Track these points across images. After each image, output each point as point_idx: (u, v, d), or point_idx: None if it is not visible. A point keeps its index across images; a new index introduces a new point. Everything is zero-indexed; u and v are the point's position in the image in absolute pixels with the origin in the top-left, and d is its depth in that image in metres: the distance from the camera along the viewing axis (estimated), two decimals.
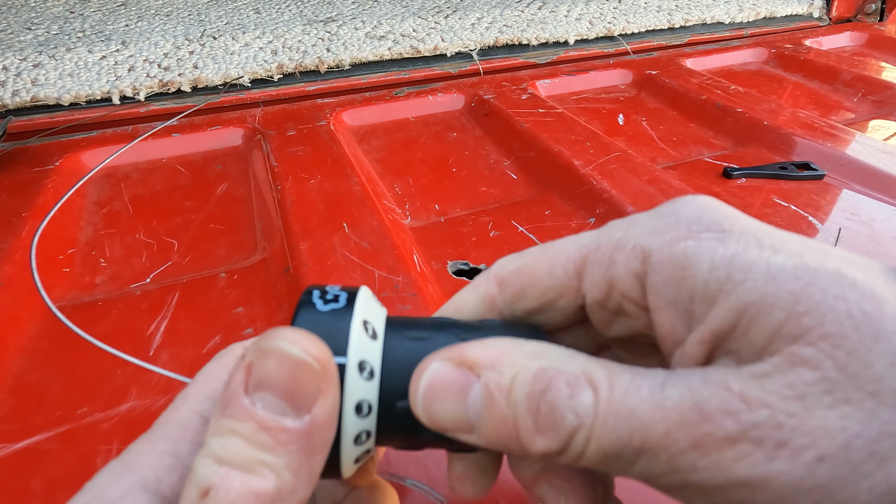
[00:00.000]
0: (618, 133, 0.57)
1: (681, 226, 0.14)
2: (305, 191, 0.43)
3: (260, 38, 0.63)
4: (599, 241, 0.16)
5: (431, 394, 0.14)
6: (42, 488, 0.25)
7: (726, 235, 0.14)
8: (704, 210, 0.14)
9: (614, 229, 0.16)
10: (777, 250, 0.13)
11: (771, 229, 0.14)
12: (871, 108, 0.63)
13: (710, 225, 0.14)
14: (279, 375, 0.12)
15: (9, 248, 0.37)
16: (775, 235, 0.14)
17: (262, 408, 0.12)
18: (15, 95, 0.53)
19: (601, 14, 0.77)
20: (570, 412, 0.13)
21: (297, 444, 0.12)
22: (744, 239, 0.13)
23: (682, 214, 0.14)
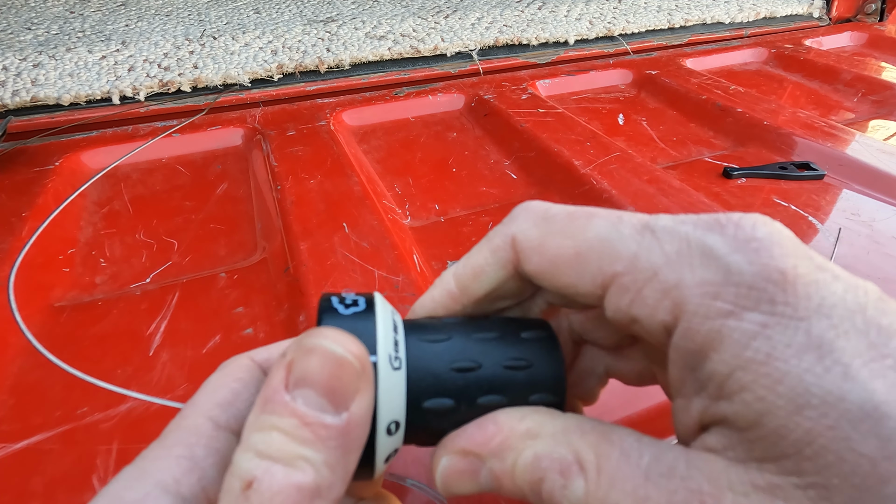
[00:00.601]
0: (618, 133, 0.57)
1: (728, 292, 0.12)
2: (305, 191, 0.43)
3: (260, 38, 0.63)
4: (637, 262, 0.14)
5: (448, 479, 0.16)
6: (42, 488, 0.25)
7: (775, 323, 0.12)
8: (764, 270, 0.12)
9: (655, 250, 0.14)
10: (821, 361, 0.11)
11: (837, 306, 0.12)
12: (871, 108, 0.63)
13: (761, 302, 0.12)
14: (321, 373, 0.12)
15: (9, 248, 0.37)
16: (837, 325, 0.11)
17: (303, 404, 0.12)
18: (15, 95, 0.53)
19: (601, 14, 0.77)
20: (566, 501, 0.14)
21: (336, 441, 0.12)
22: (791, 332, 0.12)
23: (736, 272, 0.12)
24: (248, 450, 0.12)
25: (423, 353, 0.16)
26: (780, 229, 0.13)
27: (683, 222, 0.14)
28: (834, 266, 0.13)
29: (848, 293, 0.12)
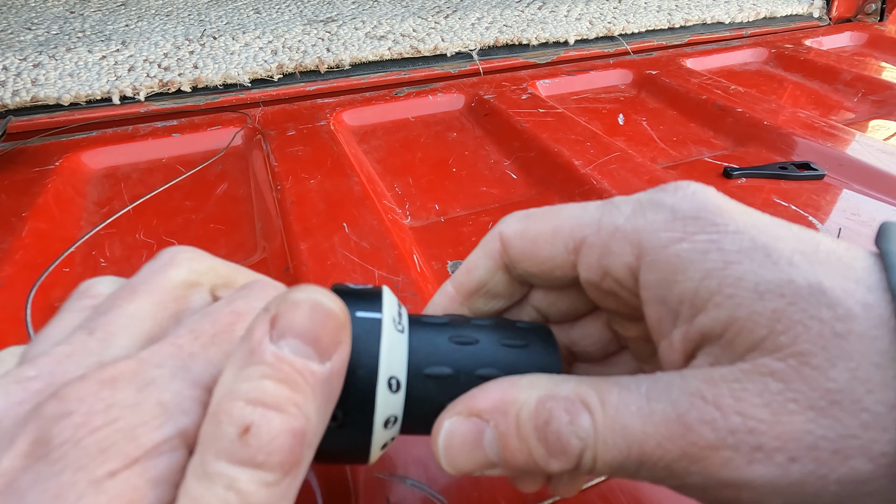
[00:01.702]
0: (618, 133, 0.57)
1: (677, 224, 0.15)
2: (305, 191, 0.43)
3: (260, 38, 0.63)
4: (601, 224, 0.16)
5: (451, 447, 0.15)
6: None
7: (721, 237, 0.14)
8: (703, 206, 0.15)
9: (615, 213, 0.16)
10: (768, 257, 0.13)
11: (767, 224, 0.14)
12: (871, 108, 0.63)
13: (706, 225, 0.14)
14: (308, 323, 0.13)
15: (9, 248, 0.37)
16: (770, 233, 0.14)
17: (290, 352, 0.12)
18: (15, 95, 0.53)
19: (601, 14, 0.77)
20: (574, 437, 0.14)
21: (321, 389, 0.13)
22: (738, 241, 0.14)
23: (680, 210, 0.15)
24: (237, 398, 0.12)
25: (425, 328, 0.17)
26: (710, 188, 0.16)
27: (637, 195, 0.17)
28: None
29: (766, 217, 0.15)
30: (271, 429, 0.11)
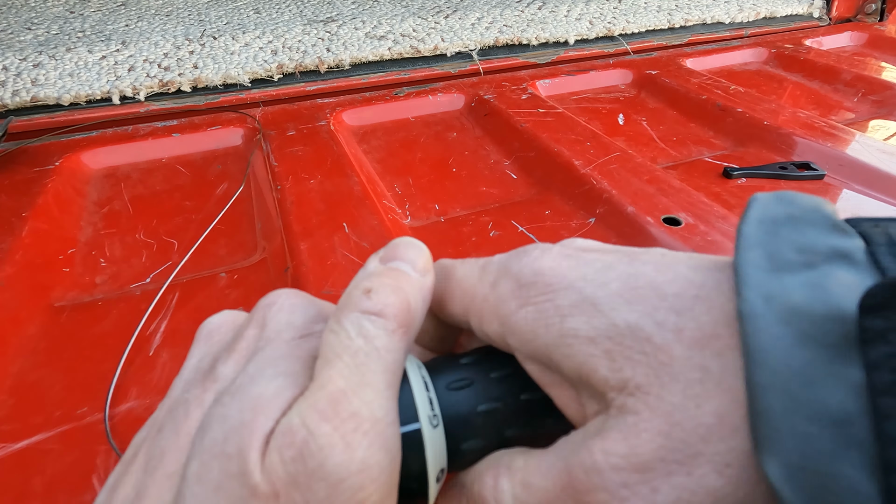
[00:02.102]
0: (618, 133, 0.57)
1: (521, 291, 0.16)
2: (305, 191, 0.43)
3: (260, 38, 0.63)
4: (475, 293, 0.18)
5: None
6: (42, 488, 0.25)
7: (555, 295, 0.16)
8: (538, 271, 0.16)
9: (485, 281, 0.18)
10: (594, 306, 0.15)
11: (594, 274, 0.16)
12: (871, 108, 0.63)
13: (542, 287, 0.16)
14: (407, 252, 0.17)
15: (9, 248, 0.37)
16: (596, 282, 0.15)
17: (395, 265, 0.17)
18: (15, 95, 0.53)
19: (601, 14, 0.77)
20: (493, 499, 0.16)
21: (418, 287, 0.17)
22: (569, 296, 0.15)
23: (522, 277, 0.17)
24: (360, 282, 0.16)
25: (453, 402, 0.17)
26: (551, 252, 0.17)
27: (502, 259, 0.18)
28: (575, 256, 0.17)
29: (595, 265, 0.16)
30: (387, 292, 0.15)
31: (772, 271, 0.13)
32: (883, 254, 0.12)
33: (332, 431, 0.13)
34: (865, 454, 0.11)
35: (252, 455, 0.13)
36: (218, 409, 0.14)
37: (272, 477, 0.13)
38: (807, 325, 0.12)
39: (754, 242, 0.13)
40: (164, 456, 0.14)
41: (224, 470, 0.13)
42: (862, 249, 0.13)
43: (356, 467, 0.13)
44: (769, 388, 0.12)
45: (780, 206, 0.14)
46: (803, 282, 0.12)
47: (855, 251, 0.12)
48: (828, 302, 0.12)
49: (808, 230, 0.13)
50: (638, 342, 0.14)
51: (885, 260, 0.12)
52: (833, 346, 0.11)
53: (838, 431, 0.11)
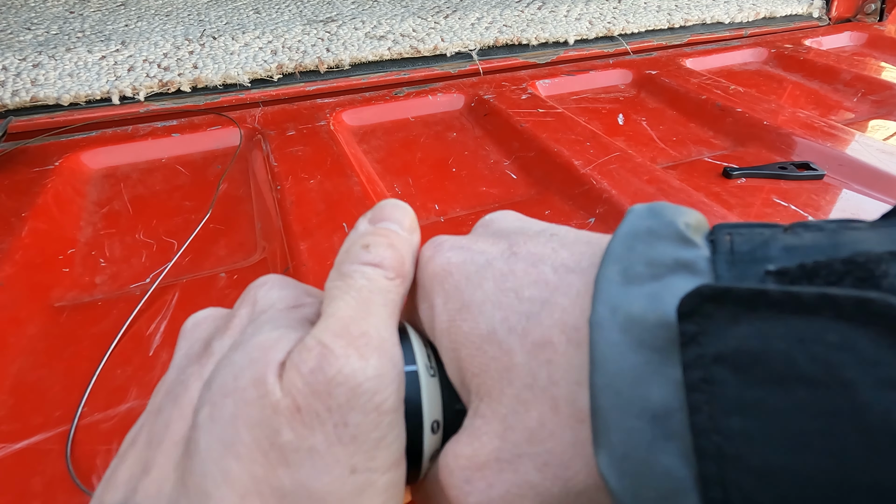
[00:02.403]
0: (617, 133, 0.57)
1: (421, 293, 0.18)
2: (305, 191, 0.43)
3: (260, 38, 0.63)
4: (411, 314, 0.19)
5: None
6: (42, 488, 0.25)
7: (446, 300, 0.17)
8: (433, 274, 0.17)
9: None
10: (468, 310, 0.16)
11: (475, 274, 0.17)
12: (870, 108, 0.63)
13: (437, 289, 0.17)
14: (393, 212, 0.18)
15: (8, 248, 0.37)
16: (474, 285, 0.16)
17: (387, 224, 0.18)
18: (15, 95, 0.53)
19: (601, 14, 0.77)
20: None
21: (406, 243, 0.18)
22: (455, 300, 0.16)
23: (421, 281, 0.18)
24: (358, 238, 0.17)
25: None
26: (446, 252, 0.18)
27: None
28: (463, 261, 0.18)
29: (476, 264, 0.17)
30: (384, 246, 0.17)
31: (622, 284, 0.14)
32: (721, 262, 0.13)
33: (347, 345, 0.14)
34: (680, 444, 0.12)
35: (269, 377, 0.14)
36: (222, 365, 0.15)
37: (292, 391, 0.13)
38: (641, 331, 0.13)
39: (614, 258, 0.14)
40: (169, 427, 0.15)
41: (240, 400, 0.14)
42: (705, 259, 0.13)
43: (372, 372, 0.14)
44: (604, 389, 0.13)
45: (645, 220, 0.15)
46: (646, 293, 0.13)
47: (698, 261, 0.13)
48: (660, 310, 0.13)
49: (659, 244, 0.14)
50: (492, 347, 0.15)
51: (721, 268, 0.13)
52: (661, 350, 0.12)
53: (658, 424, 0.12)
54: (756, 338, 0.11)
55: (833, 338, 0.10)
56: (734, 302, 0.11)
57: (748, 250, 0.13)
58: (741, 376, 0.11)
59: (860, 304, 0.10)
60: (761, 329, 0.11)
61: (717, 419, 0.11)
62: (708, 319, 0.12)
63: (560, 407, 0.14)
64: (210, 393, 0.14)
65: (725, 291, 0.11)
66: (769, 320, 0.11)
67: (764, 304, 0.11)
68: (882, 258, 0.11)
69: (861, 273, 0.11)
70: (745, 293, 0.11)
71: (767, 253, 0.13)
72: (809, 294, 0.11)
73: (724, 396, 0.11)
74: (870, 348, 0.10)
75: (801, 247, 0.13)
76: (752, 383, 0.11)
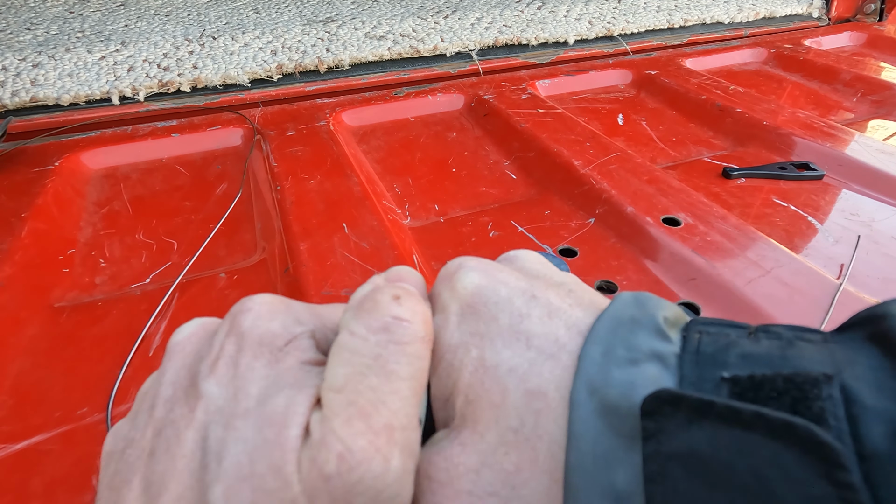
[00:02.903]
0: (617, 133, 0.57)
1: (458, 317, 0.17)
2: (305, 191, 0.43)
3: (259, 39, 0.63)
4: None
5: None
6: (42, 488, 0.25)
7: (459, 325, 0.17)
8: (463, 298, 0.17)
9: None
10: (482, 337, 0.16)
11: (493, 303, 0.17)
12: (870, 108, 0.63)
13: (466, 310, 0.17)
14: (414, 279, 0.17)
15: (8, 248, 0.37)
16: (491, 313, 0.17)
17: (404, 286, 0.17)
18: (14, 96, 0.53)
19: (601, 14, 0.77)
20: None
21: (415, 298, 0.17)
22: (472, 323, 0.17)
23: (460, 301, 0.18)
24: (385, 286, 0.16)
25: None
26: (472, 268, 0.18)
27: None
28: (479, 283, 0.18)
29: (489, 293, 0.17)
30: (416, 300, 0.16)
31: (603, 365, 0.15)
32: (687, 361, 0.14)
33: (368, 445, 0.14)
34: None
35: (288, 468, 0.13)
36: (230, 433, 0.14)
37: (312, 491, 0.13)
38: (614, 418, 0.14)
39: (599, 338, 0.15)
40: (166, 483, 0.14)
41: (258, 489, 0.13)
42: (675, 355, 0.15)
43: (393, 477, 0.14)
44: (577, 468, 0.14)
45: (630, 308, 0.16)
46: (623, 379, 0.14)
47: (668, 356, 0.15)
48: (632, 399, 0.14)
49: (639, 332, 0.15)
50: (490, 381, 0.15)
51: (686, 367, 0.14)
52: (628, 437, 0.13)
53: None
54: (705, 442, 0.12)
55: (765, 453, 0.12)
56: (687, 408, 0.13)
57: (711, 352, 0.14)
58: (690, 475, 0.12)
59: (787, 427, 0.12)
60: (710, 435, 0.12)
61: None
62: (666, 419, 0.13)
63: (540, 459, 0.15)
64: (222, 470, 0.14)
65: (680, 398, 0.13)
66: (716, 428, 0.12)
67: (711, 414, 0.12)
68: (818, 380, 0.12)
69: (797, 393, 0.12)
70: (696, 402, 0.13)
71: (726, 359, 0.14)
72: (748, 411, 0.12)
73: (675, 491, 0.12)
74: (795, 467, 0.11)
75: (755, 356, 0.14)
76: (700, 483, 0.12)
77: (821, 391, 0.12)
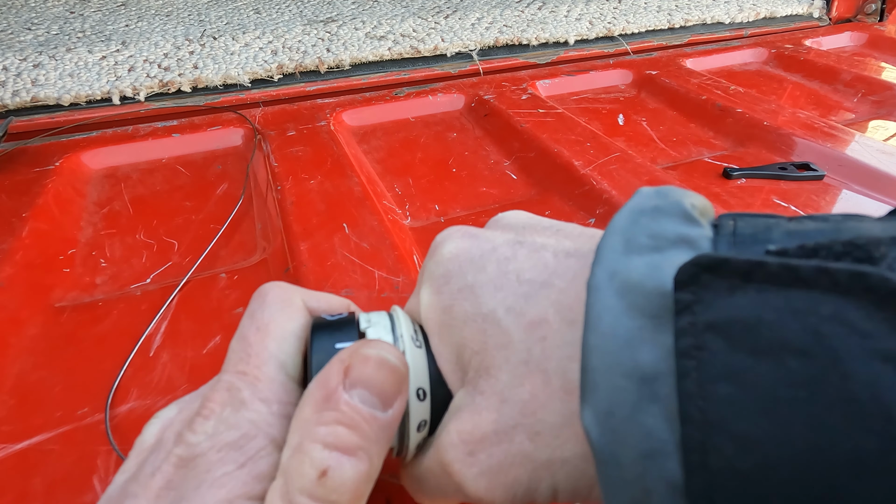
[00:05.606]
0: (618, 133, 0.57)
1: (431, 282, 0.18)
2: (305, 191, 0.43)
3: (260, 39, 0.63)
4: (411, 301, 0.20)
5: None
6: (42, 488, 0.25)
7: (447, 282, 0.17)
8: (441, 261, 0.18)
9: (419, 286, 0.19)
10: (472, 292, 0.16)
11: (478, 259, 0.17)
12: (870, 109, 0.63)
13: (448, 277, 0.17)
14: (377, 377, 0.15)
15: (9, 248, 0.37)
16: (477, 267, 0.17)
17: (359, 401, 0.15)
18: (15, 96, 0.53)
19: (601, 14, 0.77)
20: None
21: (383, 434, 0.15)
22: (458, 282, 0.17)
23: (431, 271, 0.18)
24: (316, 441, 0.14)
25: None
26: (454, 241, 0.18)
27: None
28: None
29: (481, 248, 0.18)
30: (343, 473, 0.14)
31: (623, 253, 0.14)
32: (722, 242, 0.14)
33: None
34: (665, 407, 0.12)
35: None
36: None
37: None
38: (638, 298, 0.13)
39: (617, 229, 0.15)
40: None
41: None
42: (707, 238, 0.14)
43: None
44: (595, 349, 0.13)
45: (652, 200, 0.15)
46: (646, 262, 0.13)
47: (699, 239, 0.14)
48: (659, 279, 0.13)
49: (663, 219, 0.14)
50: (492, 326, 0.16)
51: (722, 248, 0.13)
52: (655, 317, 0.13)
53: (645, 386, 0.12)
54: (750, 308, 0.11)
55: (826, 310, 0.10)
56: (731, 273, 0.12)
57: (750, 233, 0.13)
58: (732, 344, 0.11)
59: (855, 278, 0.10)
60: (756, 300, 0.11)
61: (704, 385, 0.11)
62: (704, 289, 0.12)
63: (551, 380, 0.15)
64: None
65: (723, 262, 0.12)
66: (765, 292, 0.11)
67: (761, 276, 0.11)
68: (882, 241, 0.11)
69: (860, 254, 0.11)
70: (743, 264, 0.11)
71: (769, 236, 0.13)
72: (807, 267, 0.11)
73: (712, 363, 0.11)
74: (862, 321, 0.10)
75: (803, 231, 0.13)
76: (743, 352, 0.11)
77: (889, 251, 0.11)
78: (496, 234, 0.18)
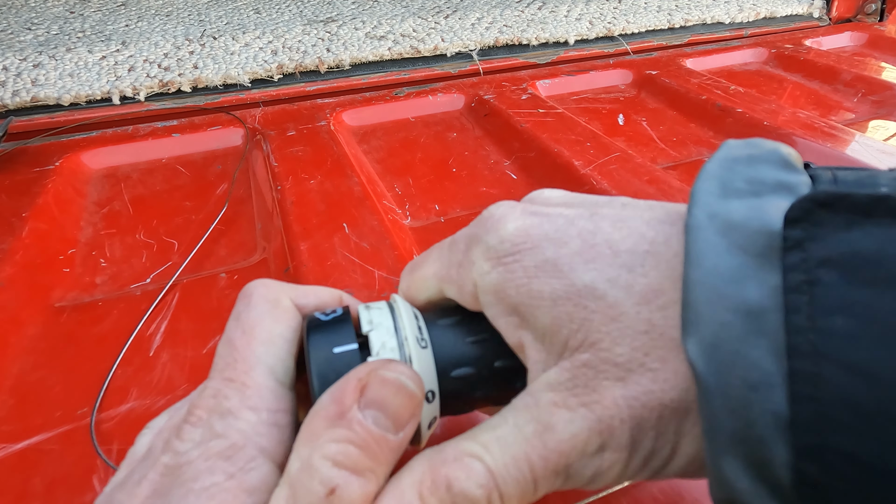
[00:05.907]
0: (618, 133, 0.57)
1: (490, 253, 0.17)
2: (305, 191, 0.43)
3: (260, 39, 0.63)
4: (450, 263, 0.19)
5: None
6: (42, 488, 0.25)
7: (522, 256, 0.17)
8: (506, 233, 0.17)
9: (456, 251, 0.19)
10: (555, 266, 0.16)
11: (555, 232, 0.17)
12: (871, 109, 0.63)
13: (510, 249, 0.17)
14: (394, 401, 0.15)
15: (9, 248, 0.37)
16: (557, 241, 0.16)
17: (373, 423, 0.15)
18: (15, 96, 0.53)
19: (601, 14, 0.77)
20: (476, 487, 0.15)
21: (392, 456, 0.15)
22: (534, 257, 0.16)
23: (490, 240, 0.17)
24: (326, 457, 0.14)
25: (444, 334, 0.19)
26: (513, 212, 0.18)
27: (469, 227, 0.19)
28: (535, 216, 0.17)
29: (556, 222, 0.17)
30: (351, 492, 0.14)
31: (721, 196, 0.14)
32: (822, 189, 0.13)
33: None
34: (772, 341, 0.12)
35: None
36: None
37: None
38: (740, 236, 0.13)
39: (712, 175, 0.14)
40: None
41: None
42: (807, 184, 0.14)
43: None
44: (698, 284, 0.13)
45: (744, 149, 0.15)
46: (746, 205, 0.13)
47: (799, 185, 0.14)
48: (762, 220, 0.13)
49: (761, 166, 0.14)
50: (593, 301, 0.15)
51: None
52: (760, 256, 0.13)
53: (752, 321, 0.12)
54: (870, 242, 0.11)
55: None
56: (849, 208, 0.12)
57: (854, 180, 0.13)
58: (849, 279, 0.11)
59: None
60: (876, 234, 0.11)
61: (817, 319, 0.11)
62: (815, 226, 0.12)
63: (675, 346, 0.14)
64: None
65: (843, 196, 0.12)
66: (886, 226, 0.11)
67: (882, 211, 0.11)
68: None
69: None
70: (864, 198, 0.11)
71: (876, 181, 0.13)
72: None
73: (826, 297, 0.11)
74: None
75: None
76: (861, 284, 0.11)
77: None
78: (564, 210, 0.18)
